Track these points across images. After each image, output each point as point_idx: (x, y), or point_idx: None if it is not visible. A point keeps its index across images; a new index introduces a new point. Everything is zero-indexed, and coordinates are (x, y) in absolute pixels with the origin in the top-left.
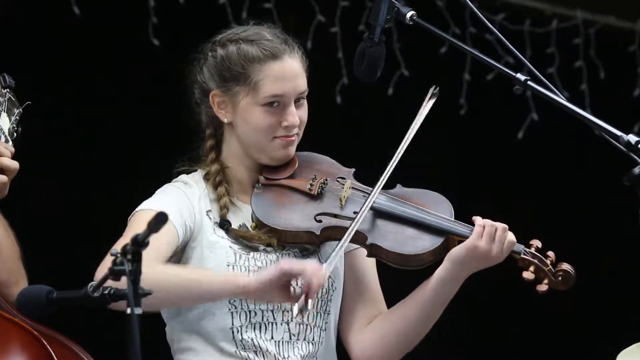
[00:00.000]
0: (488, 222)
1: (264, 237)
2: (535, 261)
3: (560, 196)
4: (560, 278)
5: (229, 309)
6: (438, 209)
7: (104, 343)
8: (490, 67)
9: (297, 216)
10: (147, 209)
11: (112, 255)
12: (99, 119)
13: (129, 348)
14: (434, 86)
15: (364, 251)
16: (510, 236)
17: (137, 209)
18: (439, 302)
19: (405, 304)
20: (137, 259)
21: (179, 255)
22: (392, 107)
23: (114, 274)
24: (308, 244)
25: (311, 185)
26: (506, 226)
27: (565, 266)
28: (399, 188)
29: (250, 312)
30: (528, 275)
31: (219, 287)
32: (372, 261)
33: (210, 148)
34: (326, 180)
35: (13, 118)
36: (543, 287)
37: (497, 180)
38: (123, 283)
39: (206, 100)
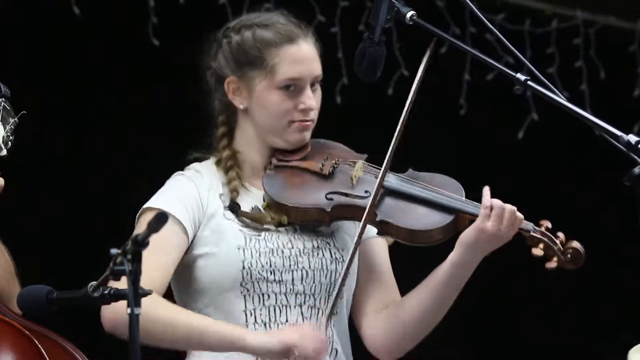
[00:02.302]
0: (496, 203)
1: (274, 216)
2: (545, 239)
3: (560, 196)
4: (569, 256)
5: (242, 292)
6: (448, 189)
7: (100, 342)
8: (490, 67)
9: (308, 194)
10: (155, 207)
11: (111, 254)
12: (99, 118)
13: (129, 348)
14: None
15: (378, 240)
16: (519, 217)
17: (145, 206)
18: (452, 287)
19: (419, 290)
20: (137, 259)
21: (190, 246)
22: (392, 107)
23: (114, 274)
24: (318, 222)
25: (322, 165)
26: (514, 209)
27: (575, 244)
28: (410, 171)
29: (263, 295)
30: (537, 251)
31: (216, 338)
32: (385, 250)
33: (223, 135)
34: (338, 161)
35: (8, 127)
36: (552, 264)
37: (497, 180)
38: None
39: (220, 87)
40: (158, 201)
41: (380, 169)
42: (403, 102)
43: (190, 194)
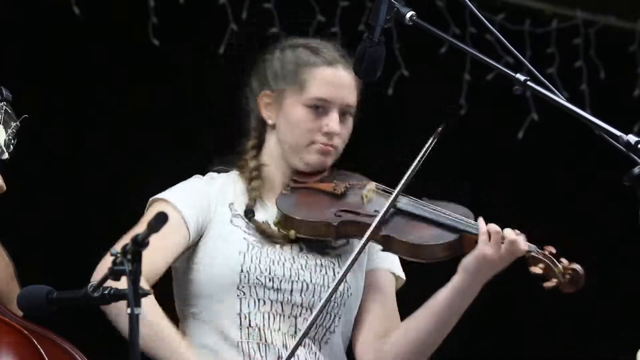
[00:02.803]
0: (492, 229)
1: (283, 231)
2: (546, 260)
3: (560, 196)
4: (568, 277)
5: (238, 295)
6: (459, 213)
7: (100, 342)
8: (490, 67)
9: (318, 210)
10: (164, 199)
11: (112, 254)
12: (99, 118)
13: (129, 348)
14: (441, 126)
15: (387, 273)
16: (520, 238)
17: (153, 197)
18: (453, 312)
19: (419, 314)
20: (137, 259)
21: (194, 246)
22: (392, 107)
23: (114, 274)
24: (325, 237)
25: (336, 185)
26: (514, 237)
27: (575, 266)
28: (424, 200)
29: (259, 300)
30: (536, 270)
31: (162, 353)
32: (392, 284)
33: (252, 147)
34: (350, 183)
35: (10, 130)
36: (550, 284)
37: (497, 180)
38: (123, 283)
39: (255, 100)
40: (167, 193)
41: (392, 190)
42: (403, 102)
43: (200, 194)
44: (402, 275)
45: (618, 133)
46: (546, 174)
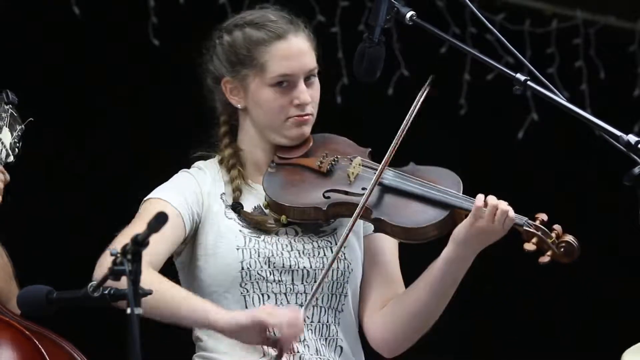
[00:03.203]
0: (489, 200)
1: (274, 215)
2: (539, 233)
3: (560, 196)
4: (562, 249)
5: (241, 292)
6: (446, 184)
7: (98, 342)
8: (490, 67)
9: (306, 193)
10: (157, 197)
11: (111, 254)
12: (99, 118)
13: (129, 348)
14: (430, 76)
15: (382, 235)
16: (511, 214)
17: (147, 197)
18: (447, 282)
19: (415, 285)
20: (137, 259)
21: (192, 242)
22: (392, 107)
23: (114, 274)
24: (316, 221)
25: (321, 162)
26: (506, 207)
27: (568, 237)
28: (411, 165)
29: (263, 295)
30: (529, 246)
31: (187, 313)
32: (392, 246)
33: (224, 134)
34: (337, 157)
35: (15, 133)
36: (545, 259)
37: (497, 180)
38: (123, 283)
39: (219, 87)
40: (159, 192)
41: (378, 165)
42: (403, 102)
43: (191, 189)
44: None
45: (618, 133)
46: (546, 174)
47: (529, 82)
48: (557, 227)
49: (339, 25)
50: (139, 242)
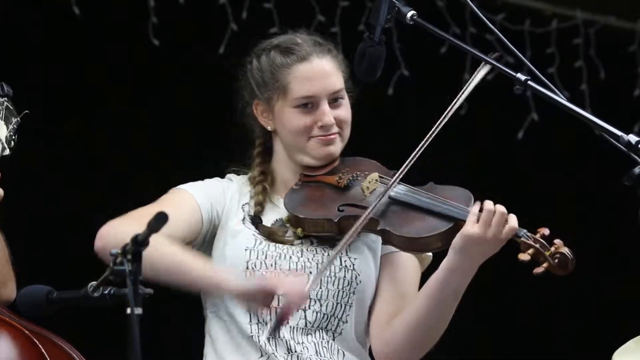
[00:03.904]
0: (486, 206)
1: (293, 229)
2: (537, 245)
3: (560, 196)
4: (557, 261)
5: None
6: (456, 199)
7: (98, 342)
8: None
9: (322, 207)
10: (181, 188)
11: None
12: (99, 118)
13: (129, 348)
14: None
15: (406, 255)
16: (511, 220)
17: (175, 187)
18: (447, 294)
19: (416, 297)
20: (137, 259)
21: (209, 245)
22: (392, 107)
23: (114, 274)
24: (330, 233)
25: (340, 178)
26: (504, 211)
27: (565, 250)
28: (430, 185)
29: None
30: (524, 256)
31: (197, 274)
32: (412, 266)
33: (257, 154)
34: (356, 174)
35: (11, 127)
36: (539, 270)
37: (497, 180)
38: None
39: (251, 110)
40: (185, 185)
41: (394, 182)
42: (403, 102)
43: (216, 191)
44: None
45: (618, 133)
46: (546, 174)
47: (529, 82)
48: (557, 241)
49: (339, 25)
50: (139, 242)
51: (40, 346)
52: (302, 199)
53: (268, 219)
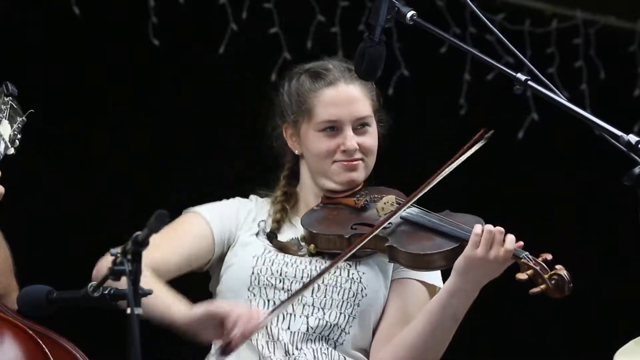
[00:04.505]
0: (486, 228)
1: (306, 245)
2: (537, 268)
3: (560, 196)
4: (554, 282)
5: (248, 297)
6: (466, 222)
7: (98, 342)
8: (490, 67)
9: (337, 225)
10: (195, 211)
11: (111, 254)
12: (99, 118)
13: (129, 348)
14: (489, 131)
15: (417, 284)
16: (508, 242)
17: (188, 209)
18: (447, 316)
19: (417, 318)
20: (137, 259)
21: (221, 264)
22: (392, 107)
23: (114, 274)
24: (340, 250)
25: (357, 199)
26: (502, 230)
27: (563, 272)
28: (446, 212)
29: (269, 301)
30: (521, 276)
31: (153, 307)
32: (421, 295)
33: (284, 177)
34: (373, 196)
35: (15, 125)
36: (536, 290)
37: (497, 180)
38: (123, 283)
39: (281, 133)
40: (200, 207)
41: (407, 203)
42: (403, 102)
43: (230, 210)
44: (436, 282)
45: (619, 133)
46: (546, 174)
47: (529, 82)
48: (559, 267)
49: (339, 25)
50: (139, 242)
51: (43, 346)
52: (320, 218)
53: (284, 237)
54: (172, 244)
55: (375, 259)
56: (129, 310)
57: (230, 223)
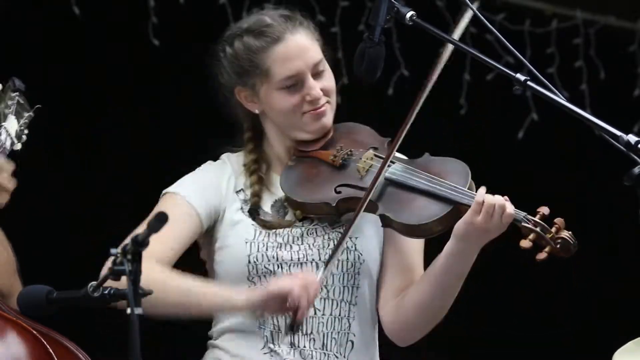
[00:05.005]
0: (487, 198)
1: (291, 209)
2: (537, 229)
3: (560, 196)
4: (559, 245)
5: (249, 286)
6: (453, 178)
7: (100, 343)
8: (490, 67)
9: (319, 188)
10: (175, 192)
11: (111, 254)
12: (99, 118)
13: (129, 348)
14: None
15: None
16: (509, 209)
17: (166, 190)
18: (451, 276)
19: (421, 278)
20: (137, 259)
21: (210, 236)
22: (392, 107)
23: (114, 274)
24: (329, 215)
25: (334, 156)
26: (503, 203)
27: (565, 234)
28: (425, 156)
29: None
30: (525, 243)
31: (209, 304)
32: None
33: (248, 139)
34: (351, 151)
35: (22, 121)
36: (542, 255)
37: (497, 180)
38: (123, 283)
39: (233, 97)
40: (178, 187)
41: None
42: (403, 102)
43: (210, 182)
44: None
45: (618, 133)
46: (546, 174)
47: (529, 82)
48: (558, 220)
49: (339, 25)
50: (139, 242)
51: (47, 346)
52: (298, 180)
53: (266, 203)
54: (166, 234)
55: (363, 217)
56: (129, 310)
57: (214, 198)
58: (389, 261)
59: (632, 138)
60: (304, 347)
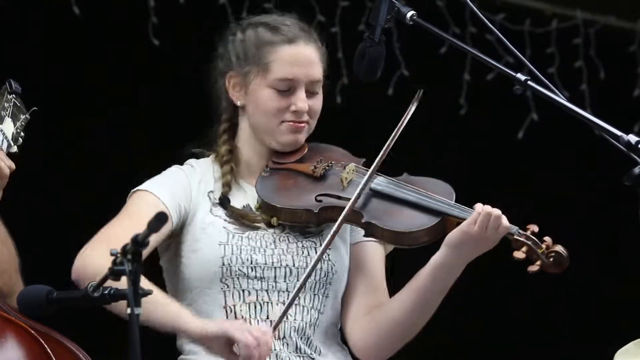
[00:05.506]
0: (486, 208)
1: (264, 216)
2: (529, 242)
3: (560, 196)
4: (552, 260)
5: (222, 288)
6: (439, 193)
7: (100, 343)
8: (490, 67)
9: (298, 196)
10: (144, 190)
11: (111, 254)
12: (99, 118)
13: (129, 348)
14: (419, 90)
15: (373, 244)
16: (504, 222)
17: (135, 189)
18: (435, 289)
19: (402, 292)
20: (137, 259)
21: (177, 238)
22: (392, 107)
23: (114, 274)
24: (307, 223)
25: (315, 167)
26: (500, 213)
27: (558, 248)
28: (405, 176)
29: (243, 291)
30: (519, 254)
31: (162, 317)
32: (379, 255)
33: (224, 131)
34: (331, 163)
35: (19, 123)
36: (534, 268)
37: (497, 180)
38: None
39: (222, 82)
40: (147, 185)
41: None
42: (403, 102)
43: (180, 183)
44: None
45: (618, 133)
46: (546, 174)
47: (529, 82)
48: (547, 239)
49: (339, 25)
50: (139, 242)
51: (46, 346)
52: (276, 188)
53: (235, 202)
54: (132, 230)
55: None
56: (129, 310)
57: (184, 198)
58: (356, 280)
59: (632, 138)
60: (279, 349)
